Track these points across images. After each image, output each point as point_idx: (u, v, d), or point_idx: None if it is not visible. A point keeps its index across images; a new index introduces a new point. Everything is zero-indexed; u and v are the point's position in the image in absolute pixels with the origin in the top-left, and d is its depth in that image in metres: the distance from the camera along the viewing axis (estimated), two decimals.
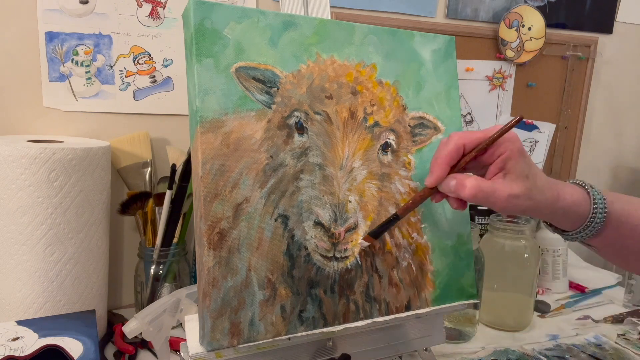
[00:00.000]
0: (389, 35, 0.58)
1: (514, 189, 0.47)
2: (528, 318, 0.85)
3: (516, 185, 0.47)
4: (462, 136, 0.48)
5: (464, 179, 0.47)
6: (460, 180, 0.47)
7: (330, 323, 0.52)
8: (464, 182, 0.47)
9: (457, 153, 0.48)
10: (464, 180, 0.47)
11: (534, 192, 0.48)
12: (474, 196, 0.46)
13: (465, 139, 0.48)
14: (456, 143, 0.48)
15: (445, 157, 0.48)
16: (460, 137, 0.48)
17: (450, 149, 0.48)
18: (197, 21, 0.48)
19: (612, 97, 1.23)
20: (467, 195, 0.46)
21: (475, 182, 0.46)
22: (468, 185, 0.46)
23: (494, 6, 1.06)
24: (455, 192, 0.47)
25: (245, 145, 0.49)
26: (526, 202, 0.48)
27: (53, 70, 0.78)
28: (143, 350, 0.72)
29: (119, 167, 0.83)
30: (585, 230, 0.50)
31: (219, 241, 0.47)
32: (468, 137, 0.48)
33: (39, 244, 0.65)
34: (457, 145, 0.48)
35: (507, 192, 0.46)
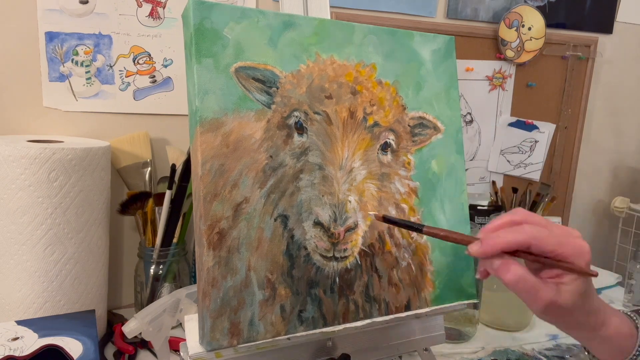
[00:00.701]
0: (389, 35, 0.58)
1: (561, 300, 0.42)
2: (528, 318, 0.85)
3: (565, 298, 0.43)
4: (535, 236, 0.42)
5: (510, 264, 0.42)
6: (507, 265, 0.42)
7: (330, 323, 0.52)
8: (509, 267, 0.42)
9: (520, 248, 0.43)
10: (510, 265, 0.42)
11: (579, 312, 0.44)
12: (515, 284, 0.42)
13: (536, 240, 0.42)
14: (526, 240, 0.42)
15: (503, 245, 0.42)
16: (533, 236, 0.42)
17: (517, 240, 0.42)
18: (196, 21, 0.48)
19: (612, 97, 1.23)
20: (508, 281, 0.42)
21: (522, 272, 0.42)
22: (512, 271, 0.42)
23: (494, 6, 1.06)
24: (496, 273, 0.43)
25: (244, 145, 0.49)
26: (565, 317, 0.44)
27: (53, 70, 0.78)
28: (143, 350, 0.72)
29: (119, 167, 0.83)
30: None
31: (218, 241, 0.47)
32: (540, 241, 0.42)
33: (38, 244, 0.65)
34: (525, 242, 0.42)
35: (552, 298, 0.42)
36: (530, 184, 1.12)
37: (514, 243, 0.42)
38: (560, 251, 0.42)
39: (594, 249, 1.27)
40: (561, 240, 0.43)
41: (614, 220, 1.25)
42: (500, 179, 1.15)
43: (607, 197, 1.27)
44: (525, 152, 1.15)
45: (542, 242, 0.42)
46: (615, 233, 1.22)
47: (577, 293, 0.43)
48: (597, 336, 0.47)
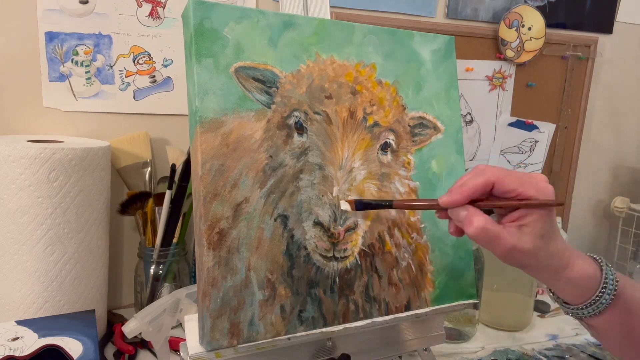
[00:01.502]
0: (389, 35, 0.58)
1: (522, 243, 0.44)
2: (528, 318, 0.85)
3: (526, 241, 0.44)
4: (496, 174, 0.44)
5: (473, 215, 0.44)
6: (470, 216, 0.44)
7: (329, 323, 0.52)
8: (472, 219, 0.44)
9: (484, 189, 0.45)
10: (473, 217, 0.44)
11: (541, 254, 0.45)
12: (477, 236, 0.44)
13: (497, 179, 0.44)
14: (488, 179, 0.44)
15: (469, 189, 0.45)
16: (493, 175, 0.44)
17: (479, 182, 0.44)
18: (196, 21, 0.48)
19: (612, 97, 1.23)
20: (470, 233, 0.44)
21: (483, 223, 0.43)
22: (474, 224, 0.43)
23: (494, 6, 1.06)
24: (461, 224, 0.45)
25: (244, 145, 0.49)
26: (528, 259, 0.45)
27: (53, 70, 0.78)
28: (143, 350, 0.72)
29: (118, 167, 0.83)
30: (588, 308, 0.47)
31: (218, 241, 0.47)
32: (501, 180, 0.44)
33: (38, 244, 0.65)
34: (487, 182, 0.44)
35: (513, 243, 0.44)
36: None
37: (479, 185, 0.44)
38: (522, 189, 0.44)
39: (594, 249, 1.27)
40: (523, 179, 0.45)
41: (614, 220, 1.25)
42: None
43: (607, 197, 1.27)
44: (525, 152, 1.15)
45: (503, 180, 0.44)
46: (615, 233, 1.22)
47: (539, 235, 0.44)
48: (561, 277, 0.47)
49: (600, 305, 0.47)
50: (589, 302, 0.47)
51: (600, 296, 0.46)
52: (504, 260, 0.45)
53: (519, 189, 0.44)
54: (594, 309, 0.47)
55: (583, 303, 0.47)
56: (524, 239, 0.44)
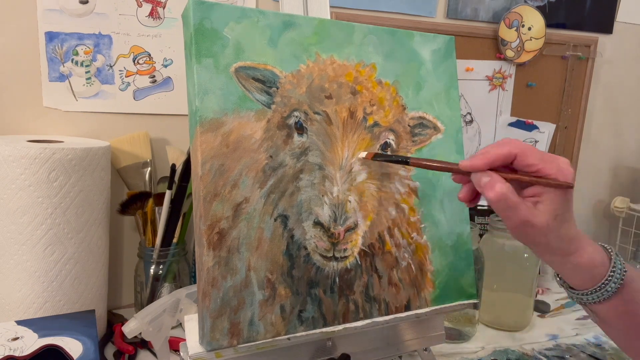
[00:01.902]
0: (389, 35, 0.58)
1: (536, 219, 0.44)
2: (528, 318, 0.85)
3: (539, 217, 0.44)
4: (519, 147, 0.45)
5: (496, 181, 0.44)
6: (493, 181, 0.44)
7: (329, 323, 0.52)
8: (495, 184, 0.44)
9: (505, 160, 0.46)
10: (496, 183, 0.44)
11: (551, 234, 0.45)
12: (496, 201, 0.44)
13: (520, 151, 0.45)
14: (510, 151, 0.45)
15: (491, 156, 0.45)
16: (516, 147, 0.45)
17: (501, 152, 0.45)
18: (196, 21, 0.48)
19: (612, 97, 1.23)
20: (491, 197, 0.44)
21: (505, 190, 0.44)
22: (496, 189, 0.44)
23: (494, 6, 1.06)
24: (482, 189, 0.45)
25: (244, 145, 0.49)
26: (538, 237, 0.45)
27: (53, 70, 0.78)
28: (143, 350, 0.72)
29: (118, 167, 0.83)
30: (593, 294, 0.48)
31: (218, 241, 0.47)
32: (524, 153, 0.45)
33: (38, 244, 0.65)
34: (509, 153, 0.45)
35: (527, 217, 0.44)
36: None
37: (501, 154, 0.45)
38: (542, 166, 0.45)
39: None
40: (545, 157, 0.45)
41: (614, 220, 1.25)
42: None
43: (607, 197, 1.27)
44: None
45: (526, 154, 0.45)
46: (615, 233, 1.22)
47: (553, 214, 0.45)
48: (569, 262, 0.47)
49: (605, 292, 0.47)
50: (595, 288, 0.47)
51: (606, 283, 0.47)
52: (514, 232, 0.46)
53: (539, 165, 0.45)
54: (598, 296, 0.47)
55: (588, 289, 0.48)
56: (539, 216, 0.44)
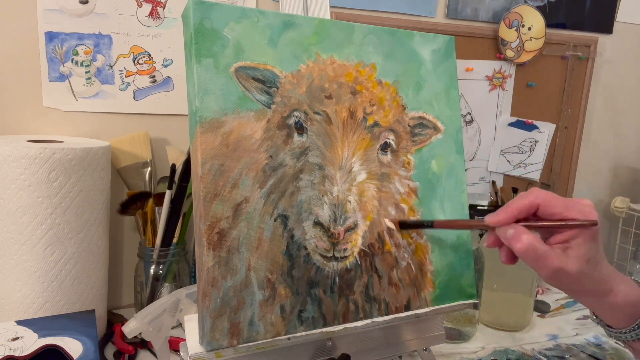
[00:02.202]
0: (389, 35, 0.58)
1: (568, 266, 0.44)
2: (528, 318, 0.85)
3: (571, 264, 0.44)
4: (541, 197, 0.46)
5: (521, 232, 0.45)
6: (518, 233, 0.45)
7: (329, 323, 0.52)
8: (520, 236, 0.44)
9: (529, 210, 0.46)
10: (521, 234, 0.44)
11: (585, 279, 0.45)
12: (524, 252, 0.44)
13: (543, 200, 0.46)
14: (532, 201, 0.46)
15: (514, 209, 0.46)
16: (538, 197, 0.46)
17: (524, 202, 0.46)
18: (196, 21, 0.48)
19: (612, 97, 1.23)
20: (519, 248, 0.44)
21: (532, 240, 0.44)
22: (523, 240, 0.44)
23: (494, 6, 1.06)
24: (509, 242, 0.46)
25: (244, 145, 0.49)
26: (573, 284, 0.46)
27: (53, 70, 0.78)
28: (143, 350, 0.72)
29: (118, 167, 0.83)
30: (631, 332, 0.48)
31: (218, 241, 0.47)
32: (547, 202, 0.46)
33: (38, 244, 0.65)
34: (532, 204, 0.46)
35: (559, 265, 0.44)
36: (530, 184, 1.12)
37: (524, 205, 0.46)
38: (567, 213, 0.45)
39: None
40: (568, 203, 0.46)
41: (614, 220, 1.25)
42: (500, 179, 1.15)
43: (607, 197, 1.27)
44: (525, 152, 1.15)
45: (549, 203, 0.46)
46: (615, 233, 1.22)
47: (584, 259, 0.45)
48: (605, 303, 0.47)
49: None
50: (633, 327, 0.47)
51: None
52: (548, 280, 0.46)
53: (564, 213, 0.45)
54: (637, 334, 0.47)
55: (626, 327, 0.48)
56: (570, 262, 0.44)
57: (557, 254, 0.44)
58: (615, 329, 0.49)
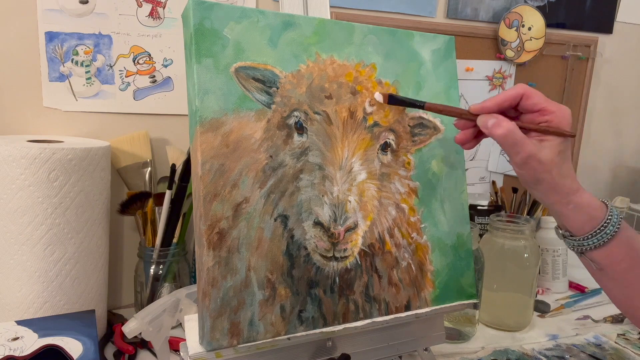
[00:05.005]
0: (389, 35, 0.58)
1: (541, 154, 0.48)
2: (528, 318, 0.85)
3: (545, 153, 0.48)
4: (525, 88, 0.50)
5: (503, 120, 0.48)
6: (500, 120, 0.48)
7: (329, 323, 0.52)
8: (501, 122, 0.48)
9: (514, 99, 0.50)
10: (502, 121, 0.48)
11: (555, 169, 0.49)
12: (504, 137, 0.48)
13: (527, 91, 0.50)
14: (517, 91, 0.50)
15: (500, 98, 0.50)
16: (522, 87, 0.50)
17: (509, 92, 0.50)
18: (196, 21, 0.48)
19: (612, 97, 1.23)
20: (499, 134, 0.48)
21: (512, 127, 0.48)
22: (504, 126, 0.48)
23: (494, 6, 1.06)
24: (489, 129, 0.49)
25: (244, 145, 0.49)
26: (543, 173, 0.49)
27: (53, 70, 0.78)
28: (143, 350, 0.72)
29: (118, 167, 0.83)
30: (593, 238, 0.50)
31: (218, 241, 0.47)
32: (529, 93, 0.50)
33: (38, 244, 0.65)
34: (517, 93, 0.50)
35: (534, 151, 0.48)
36: None
37: (509, 95, 0.50)
38: (546, 105, 0.49)
39: None
40: (548, 99, 0.50)
41: None
42: (500, 179, 1.15)
43: (607, 197, 1.27)
44: None
45: (531, 93, 0.50)
46: None
47: (557, 150, 0.49)
48: (571, 202, 0.50)
49: (604, 235, 0.49)
50: (595, 231, 0.50)
51: (605, 226, 0.49)
52: (521, 168, 0.49)
53: (543, 104, 0.49)
54: (598, 239, 0.50)
55: (588, 232, 0.50)
56: (544, 151, 0.48)
57: (532, 142, 0.48)
58: (577, 237, 0.51)
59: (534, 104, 0.49)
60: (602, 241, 0.49)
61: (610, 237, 0.49)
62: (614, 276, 0.52)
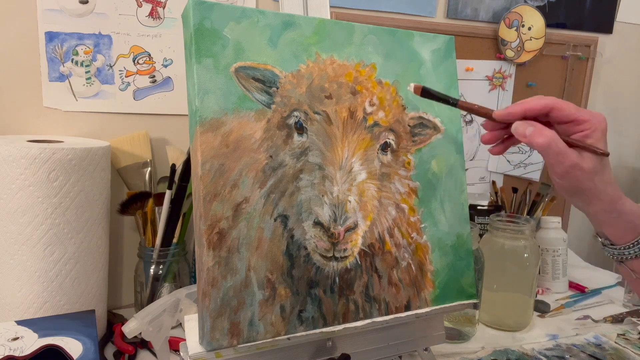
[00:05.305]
0: (389, 35, 0.58)
1: (583, 162, 0.46)
2: (528, 318, 0.85)
3: (586, 161, 0.46)
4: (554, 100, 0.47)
5: (543, 128, 0.46)
6: (540, 129, 0.46)
7: (329, 323, 0.52)
8: (543, 131, 0.46)
9: (541, 111, 0.48)
10: (543, 130, 0.46)
11: (598, 179, 0.47)
12: (547, 146, 0.46)
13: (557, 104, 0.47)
14: (546, 103, 0.47)
15: (526, 105, 0.48)
16: (553, 102, 0.47)
17: (537, 102, 0.48)
18: (196, 21, 0.48)
19: (612, 97, 1.23)
20: (541, 142, 0.46)
21: (554, 136, 0.46)
22: (546, 135, 0.46)
23: (494, 6, 1.06)
24: (529, 138, 0.47)
25: (244, 145, 0.49)
26: (586, 181, 0.47)
27: (53, 70, 0.78)
28: (143, 350, 0.72)
29: (118, 167, 0.83)
30: (636, 247, 0.49)
31: (218, 241, 0.47)
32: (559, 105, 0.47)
33: (38, 244, 0.65)
34: (546, 105, 0.47)
35: (576, 161, 0.46)
36: (530, 184, 1.12)
37: (537, 105, 0.48)
38: (578, 115, 0.47)
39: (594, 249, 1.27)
40: (579, 108, 0.48)
41: None
42: (500, 179, 1.15)
43: None
44: (525, 152, 1.15)
45: (562, 106, 0.47)
46: None
47: (598, 158, 0.47)
48: (614, 210, 0.49)
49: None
50: (637, 240, 0.49)
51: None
52: (562, 178, 0.48)
53: (576, 114, 0.47)
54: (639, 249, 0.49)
55: (630, 242, 0.49)
56: (585, 160, 0.47)
57: (574, 152, 0.46)
58: (618, 246, 0.50)
59: (566, 116, 0.47)
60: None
61: None
62: None
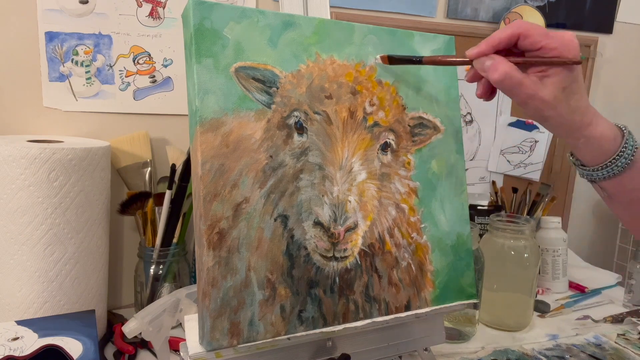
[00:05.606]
0: (389, 35, 0.58)
1: (542, 92, 0.45)
2: (528, 318, 0.85)
3: (547, 91, 0.45)
4: (522, 27, 0.46)
5: (499, 62, 0.46)
6: (496, 63, 0.46)
7: (329, 323, 0.52)
8: (498, 66, 0.45)
9: (510, 40, 0.47)
10: (499, 64, 0.45)
11: (560, 106, 0.46)
12: (501, 82, 0.45)
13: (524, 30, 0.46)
14: (513, 32, 0.46)
15: (495, 39, 0.47)
16: (519, 27, 0.46)
17: (505, 33, 0.47)
18: (196, 21, 0.48)
19: (612, 97, 1.23)
20: (495, 78, 0.45)
21: (509, 69, 0.45)
22: (500, 69, 0.45)
23: (494, 6, 1.06)
24: (486, 72, 0.47)
25: (244, 145, 0.49)
26: (548, 110, 0.46)
27: (53, 70, 0.78)
28: (143, 350, 0.72)
29: (118, 167, 0.83)
30: (603, 170, 0.48)
31: (218, 241, 0.47)
32: (527, 31, 0.46)
33: (38, 244, 0.65)
34: (513, 33, 0.46)
35: (534, 90, 0.45)
36: (530, 184, 1.12)
37: (504, 36, 0.47)
38: (547, 41, 0.45)
39: (594, 249, 1.27)
40: (549, 33, 0.46)
41: (614, 220, 1.25)
42: (500, 179, 1.15)
43: None
44: (525, 152, 1.15)
45: (529, 32, 0.46)
46: (615, 233, 1.22)
47: (560, 86, 0.46)
48: (582, 135, 0.48)
49: (615, 168, 0.48)
50: (605, 163, 0.48)
51: (616, 159, 0.48)
52: (525, 107, 0.47)
53: (543, 41, 0.45)
54: (608, 172, 0.48)
55: (599, 164, 0.49)
56: (545, 89, 0.45)
57: (532, 82, 0.45)
58: (589, 167, 0.50)
59: (533, 43, 0.46)
60: (612, 173, 0.48)
61: (621, 170, 0.48)
62: (623, 204, 0.51)
